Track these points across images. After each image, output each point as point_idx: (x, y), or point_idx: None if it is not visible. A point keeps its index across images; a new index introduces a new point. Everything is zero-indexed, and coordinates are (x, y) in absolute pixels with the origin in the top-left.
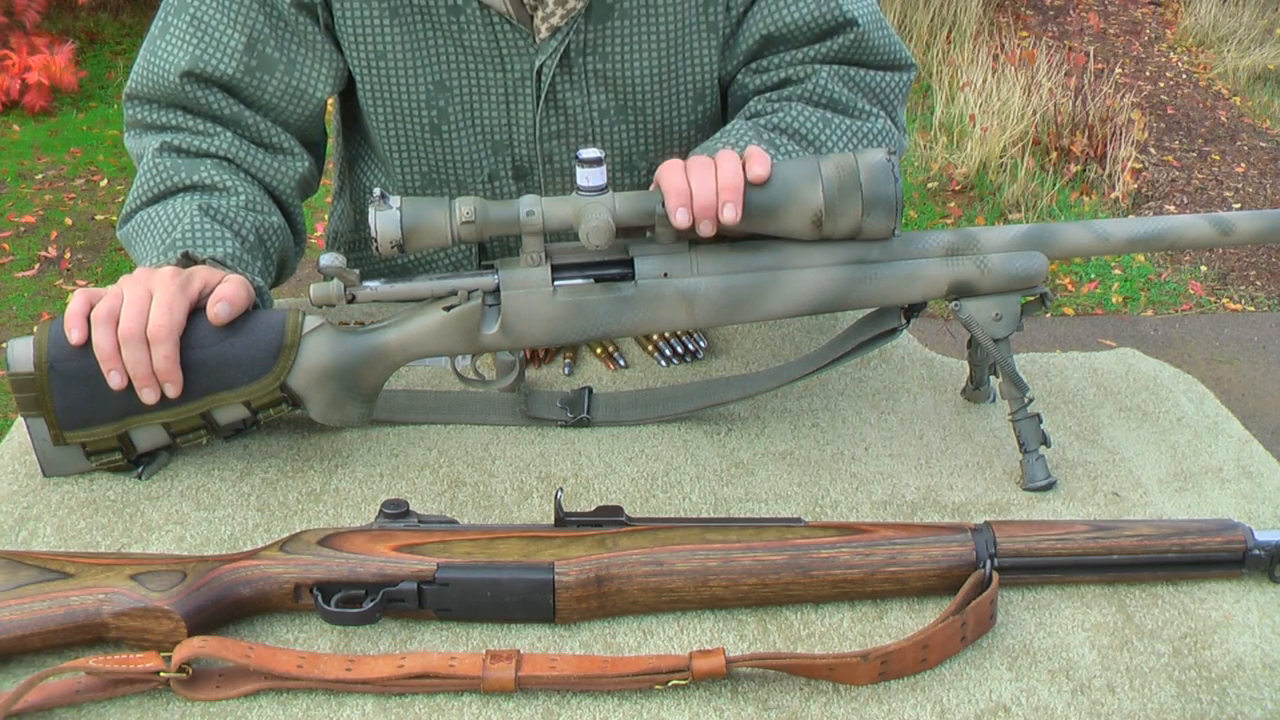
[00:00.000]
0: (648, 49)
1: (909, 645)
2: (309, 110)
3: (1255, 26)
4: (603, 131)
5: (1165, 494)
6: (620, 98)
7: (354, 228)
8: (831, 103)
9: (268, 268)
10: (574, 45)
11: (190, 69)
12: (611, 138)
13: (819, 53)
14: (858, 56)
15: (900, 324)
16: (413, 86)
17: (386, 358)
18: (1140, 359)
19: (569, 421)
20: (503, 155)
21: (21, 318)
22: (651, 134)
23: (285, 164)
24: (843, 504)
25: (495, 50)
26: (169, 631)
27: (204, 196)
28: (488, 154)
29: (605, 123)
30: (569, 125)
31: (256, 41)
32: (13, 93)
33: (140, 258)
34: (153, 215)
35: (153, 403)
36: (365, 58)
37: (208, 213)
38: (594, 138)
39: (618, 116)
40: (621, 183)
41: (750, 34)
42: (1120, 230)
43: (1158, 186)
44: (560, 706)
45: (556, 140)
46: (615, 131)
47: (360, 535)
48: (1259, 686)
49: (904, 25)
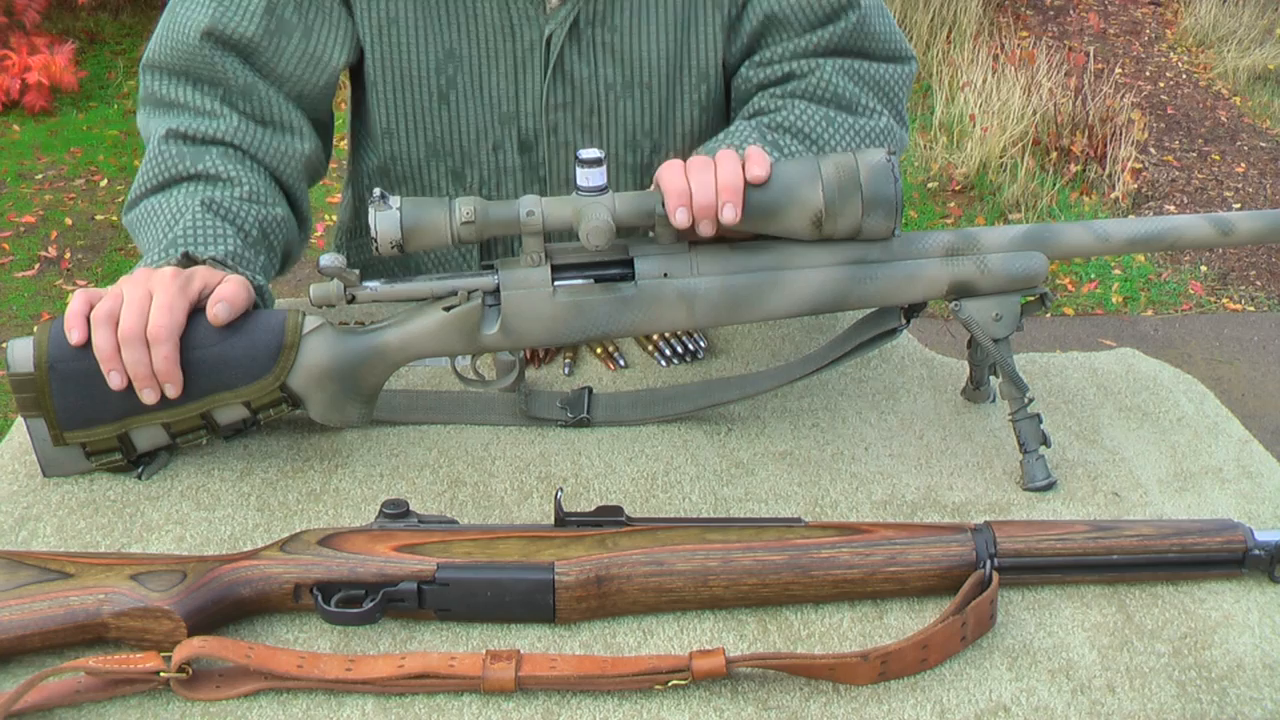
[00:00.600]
0: (656, 24)
1: (909, 645)
2: (324, 80)
3: (1255, 26)
4: (608, 105)
5: (1165, 494)
6: (627, 72)
7: (354, 215)
8: (836, 98)
9: (270, 263)
10: (583, 15)
11: (211, 28)
12: (616, 112)
13: (821, 40)
14: (860, 45)
15: (900, 324)
16: (422, 54)
17: (386, 358)
18: (1140, 359)
19: (569, 421)
20: (509, 126)
21: (21, 318)
22: (656, 111)
23: (292, 146)
24: (843, 504)
25: (505, 18)
26: (169, 631)
27: (207, 188)
28: (494, 124)
29: (611, 96)
30: (576, 96)
31: (276, 4)
32: (13, 93)
33: (143, 248)
34: (156, 206)
35: (153, 403)
36: (376, 23)
37: (210, 208)
38: (600, 111)
39: (624, 91)
40: (624, 160)
41: (754, 14)
42: (1120, 230)
43: (1158, 186)
44: (560, 706)
45: (563, 112)
46: (620, 106)
47: (360, 535)
48: (1259, 686)
49: (904, 25)
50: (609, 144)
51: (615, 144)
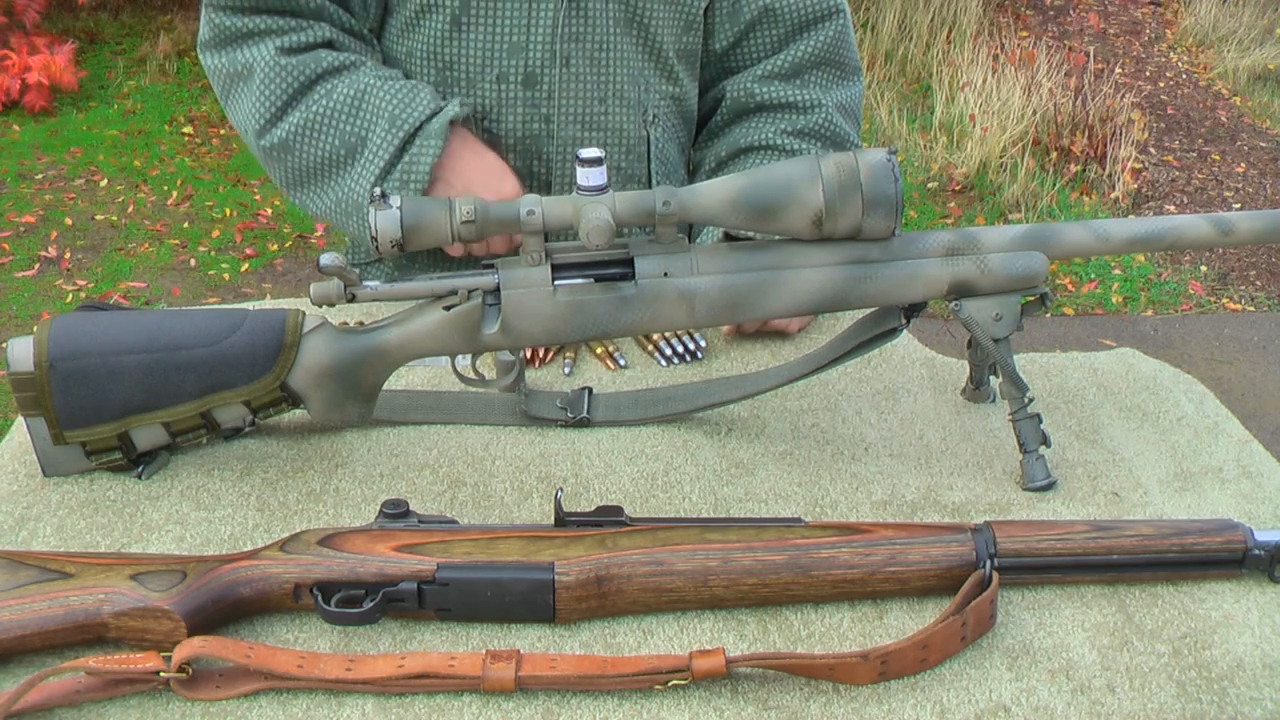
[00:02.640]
0: None
1: (909, 645)
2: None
3: (1255, 26)
4: (614, 40)
5: (1165, 494)
6: (629, 9)
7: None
8: (834, 137)
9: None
10: None
11: None
12: (621, 49)
13: (808, 50)
14: (840, 55)
15: (900, 324)
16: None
17: (386, 357)
18: (1140, 359)
19: (569, 421)
20: (517, 58)
21: (21, 318)
22: (649, 52)
23: (370, 49)
24: (843, 504)
25: None
26: (169, 631)
27: (356, 74)
28: (502, 55)
29: (617, 32)
30: (587, 29)
31: None
32: (13, 93)
33: (322, 150)
34: (319, 109)
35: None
36: None
37: (386, 79)
38: (607, 46)
39: (626, 27)
40: (628, 96)
41: (753, 4)
42: (1120, 230)
43: (1158, 186)
44: (560, 706)
45: (574, 44)
46: (623, 44)
47: (360, 535)
48: (1259, 686)
49: (904, 25)
50: (614, 81)
51: (620, 81)
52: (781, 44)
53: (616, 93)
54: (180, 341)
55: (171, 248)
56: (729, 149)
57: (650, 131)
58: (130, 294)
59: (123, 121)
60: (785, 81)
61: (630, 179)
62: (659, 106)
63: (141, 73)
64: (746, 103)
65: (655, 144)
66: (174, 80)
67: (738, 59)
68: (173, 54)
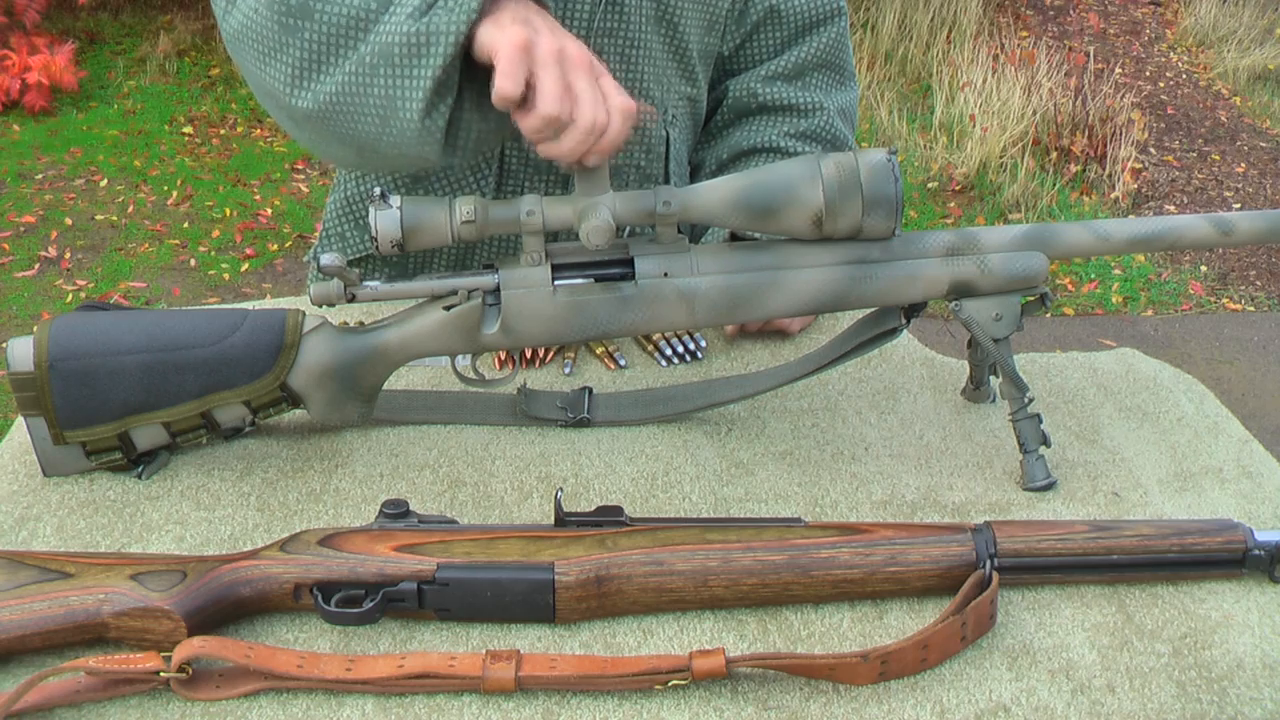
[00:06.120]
0: None
1: (909, 645)
2: None
3: (1255, 26)
4: (645, 38)
5: (1165, 494)
6: (661, 6)
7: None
8: (833, 139)
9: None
10: None
11: None
12: (650, 46)
13: (809, 53)
14: (838, 58)
15: (900, 324)
16: None
17: (386, 357)
18: (1140, 359)
19: (569, 421)
20: None
21: (21, 318)
22: (675, 52)
23: None
24: (843, 504)
25: None
26: (169, 631)
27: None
28: None
29: (648, 29)
30: (621, 24)
31: None
32: (13, 93)
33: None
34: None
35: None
36: None
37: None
38: (638, 44)
39: (656, 25)
40: (653, 95)
41: (759, 3)
42: (1120, 230)
43: (1158, 186)
44: (560, 706)
45: (608, 39)
46: (653, 41)
47: (360, 535)
48: (1259, 686)
49: (904, 25)
50: (642, 80)
51: (645, 82)
52: (785, 45)
53: (643, 92)
54: (180, 341)
55: (171, 248)
56: (731, 151)
57: (669, 131)
58: (130, 294)
59: (123, 121)
60: (788, 83)
61: (649, 178)
62: (678, 107)
63: (141, 73)
64: (749, 103)
65: (673, 144)
66: (174, 80)
67: (741, 60)
68: (173, 54)
